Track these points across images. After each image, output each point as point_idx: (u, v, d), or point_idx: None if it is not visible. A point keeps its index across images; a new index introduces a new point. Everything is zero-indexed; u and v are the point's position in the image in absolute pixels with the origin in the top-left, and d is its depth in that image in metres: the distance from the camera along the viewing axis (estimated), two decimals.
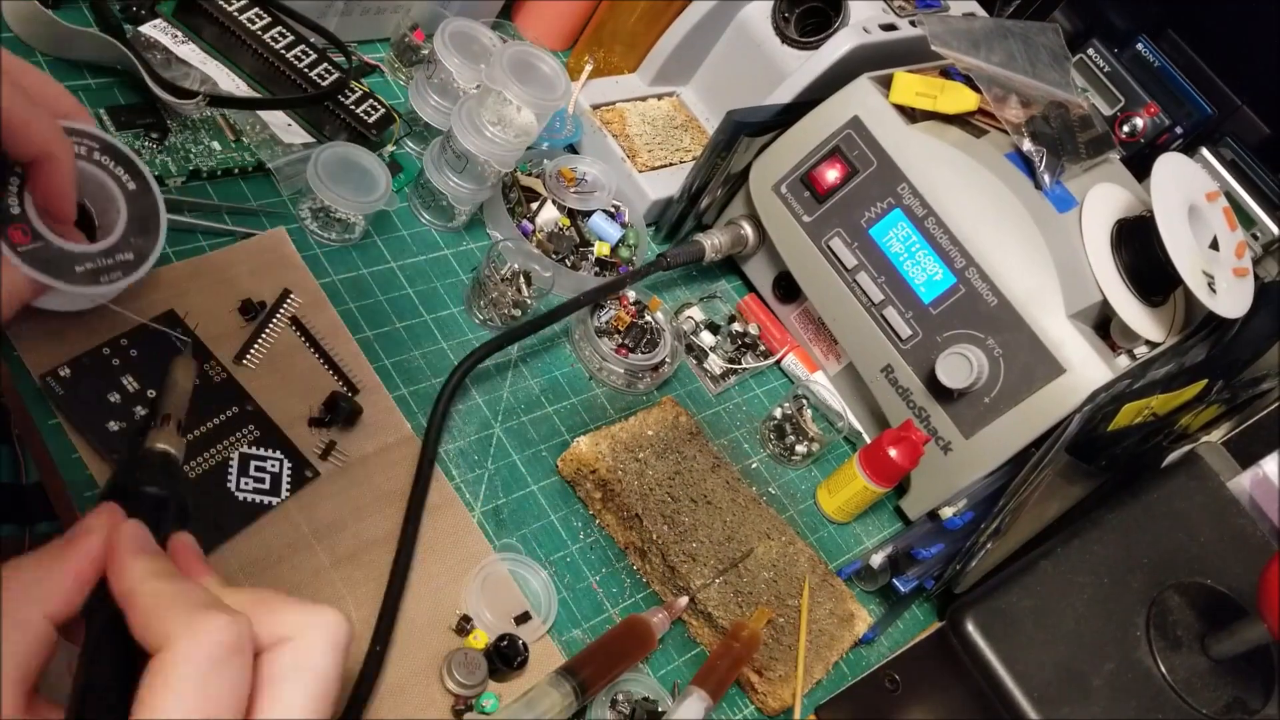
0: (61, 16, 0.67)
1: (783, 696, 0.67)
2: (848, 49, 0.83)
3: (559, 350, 0.78)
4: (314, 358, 0.66)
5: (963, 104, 0.80)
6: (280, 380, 0.64)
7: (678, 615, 0.67)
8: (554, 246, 0.80)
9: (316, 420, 0.63)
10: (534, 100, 0.72)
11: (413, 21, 0.85)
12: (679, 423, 0.75)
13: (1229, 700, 0.63)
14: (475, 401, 0.72)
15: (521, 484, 0.70)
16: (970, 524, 0.77)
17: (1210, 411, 0.89)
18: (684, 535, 0.69)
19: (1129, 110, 1.03)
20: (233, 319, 0.64)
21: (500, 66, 0.71)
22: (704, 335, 0.86)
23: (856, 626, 0.74)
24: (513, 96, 0.71)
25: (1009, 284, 0.75)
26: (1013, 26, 0.88)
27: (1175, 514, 0.71)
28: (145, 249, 0.54)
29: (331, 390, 0.65)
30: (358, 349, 0.68)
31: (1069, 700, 0.60)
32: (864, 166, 0.80)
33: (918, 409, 0.80)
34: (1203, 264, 0.76)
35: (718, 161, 0.84)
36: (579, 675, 0.59)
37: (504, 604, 0.63)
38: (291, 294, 0.67)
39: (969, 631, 0.61)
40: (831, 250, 0.82)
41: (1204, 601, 0.67)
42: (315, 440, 0.63)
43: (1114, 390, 0.73)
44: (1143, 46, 1.05)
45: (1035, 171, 0.79)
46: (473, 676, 0.58)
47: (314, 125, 0.76)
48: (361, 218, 0.73)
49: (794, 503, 0.81)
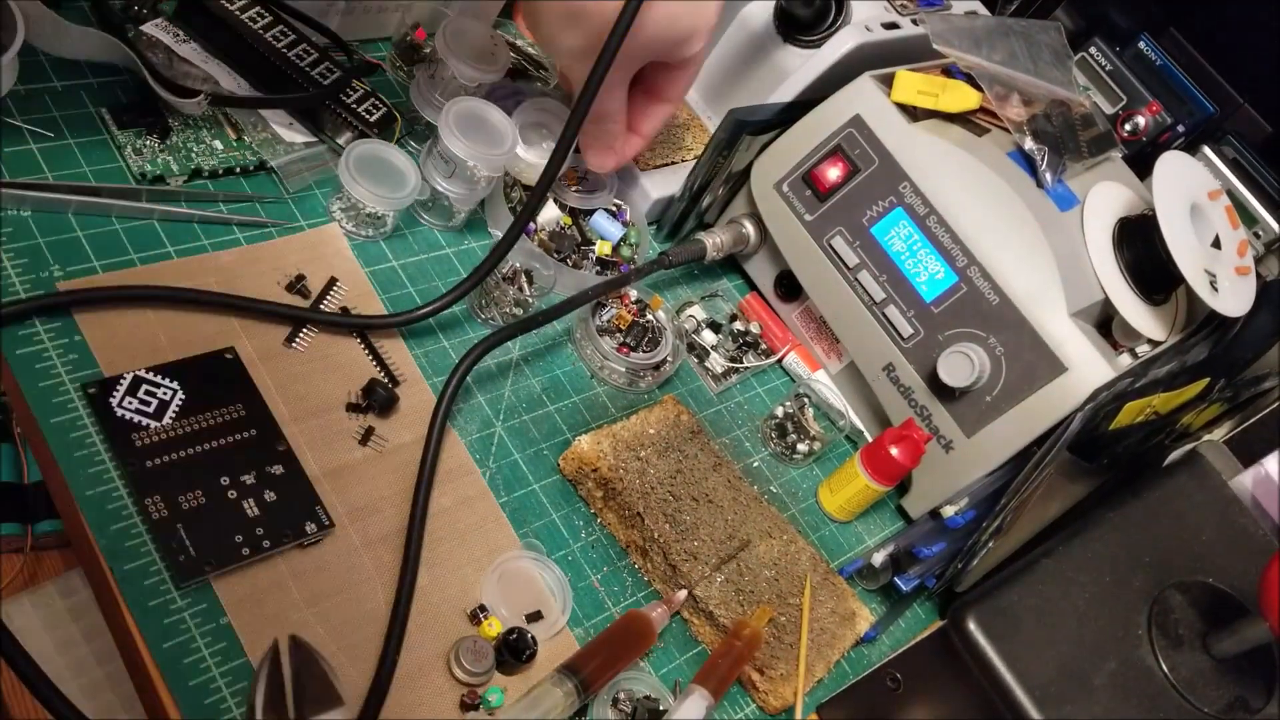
0: (63, 15, 0.67)
1: (784, 695, 0.67)
2: (850, 47, 0.83)
3: (560, 349, 0.78)
4: (359, 347, 0.68)
5: (964, 102, 0.79)
6: (323, 366, 0.67)
7: (677, 609, 0.67)
8: (555, 245, 0.80)
9: (354, 406, 0.66)
10: (483, 157, 0.73)
11: (414, 20, 0.86)
12: (680, 421, 0.75)
13: (1231, 699, 0.63)
14: (477, 400, 0.72)
15: (523, 482, 0.70)
16: (972, 523, 0.77)
17: (1212, 410, 0.89)
18: (685, 534, 0.69)
19: (1131, 108, 1.03)
20: (281, 293, 0.68)
21: (447, 125, 0.72)
22: (705, 334, 0.86)
23: (858, 625, 0.74)
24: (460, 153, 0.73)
25: (1010, 282, 0.75)
26: (1015, 25, 0.88)
27: (1177, 513, 0.71)
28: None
29: (370, 378, 0.67)
30: (401, 343, 0.70)
31: (1070, 699, 0.60)
32: (865, 165, 0.80)
33: (919, 407, 0.80)
34: (1205, 262, 0.76)
35: (719, 160, 0.84)
36: (580, 673, 0.59)
37: (520, 599, 0.64)
38: (338, 282, 0.70)
39: (970, 630, 0.61)
40: (833, 249, 0.82)
41: (1206, 600, 0.67)
42: (354, 425, 0.65)
43: (1116, 389, 0.73)
44: (1145, 45, 1.04)
45: (1037, 170, 0.79)
46: (480, 665, 0.59)
47: (316, 124, 0.76)
48: (392, 213, 0.74)
49: (795, 501, 0.81)
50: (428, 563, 0.62)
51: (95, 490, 0.56)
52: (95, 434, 0.57)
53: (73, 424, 0.57)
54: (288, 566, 0.58)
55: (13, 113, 0.66)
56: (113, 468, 0.56)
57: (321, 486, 0.61)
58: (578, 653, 0.61)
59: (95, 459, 0.56)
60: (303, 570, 0.58)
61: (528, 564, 0.66)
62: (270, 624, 0.56)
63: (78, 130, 0.68)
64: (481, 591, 0.63)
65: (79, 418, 0.57)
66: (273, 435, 0.61)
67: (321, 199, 0.74)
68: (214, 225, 0.69)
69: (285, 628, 0.56)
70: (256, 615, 0.56)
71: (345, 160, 0.70)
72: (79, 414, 0.57)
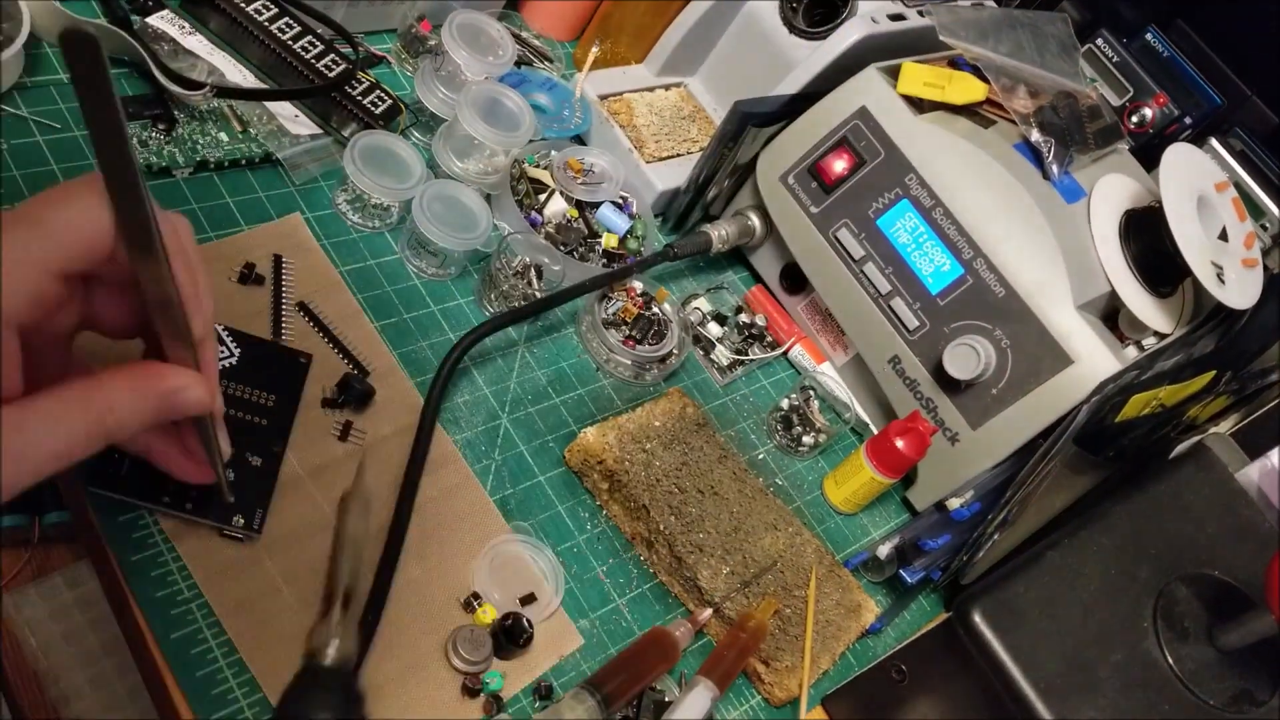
0: (69, 8, 0.67)
1: (789, 687, 0.68)
2: (855, 39, 0.83)
3: (566, 342, 0.78)
4: (324, 343, 0.67)
5: (971, 94, 0.79)
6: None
7: (700, 627, 0.67)
8: (562, 238, 0.80)
9: (329, 401, 0.64)
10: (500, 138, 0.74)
11: (420, 13, 0.85)
12: (686, 414, 0.75)
13: (1236, 691, 0.63)
14: (483, 393, 0.72)
15: (529, 474, 0.70)
16: (977, 515, 0.77)
17: (1218, 403, 0.89)
18: (691, 526, 0.69)
19: (1138, 100, 1.03)
20: (235, 287, 0.66)
21: (465, 107, 0.73)
22: (711, 326, 0.86)
23: (863, 617, 0.74)
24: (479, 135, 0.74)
25: (1017, 275, 0.75)
26: (1021, 16, 0.88)
27: (1183, 505, 0.71)
28: None
29: (344, 373, 0.66)
30: (374, 332, 0.69)
31: (1076, 691, 0.60)
32: (871, 157, 0.80)
33: (925, 400, 0.79)
34: (1211, 255, 0.76)
35: (725, 152, 0.83)
36: (604, 689, 0.58)
37: (512, 583, 0.64)
38: (285, 259, 0.68)
39: (976, 622, 0.61)
40: (839, 241, 0.82)
41: (1211, 593, 0.67)
42: (331, 422, 0.64)
43: (1122, 381, 0.72)
44: (1151, 36, 1.04)
45: (1043, 162, 0.79)
46: (477, 653, 0.59)
47: (321, 116, 0.76)
48: (398, 203, 0.74)
49: (801, 493, 0.81)
50: (418, 555, 0.62)
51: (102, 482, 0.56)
52: None
53: None
54: (275, 565, 0.58)
55: (19, 105, 0.66)
56: (118, 456, 0.56)
57: (306, 487, 0.61)
58: (601, 669, 0.61)
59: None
60: (296, 571, 0.58)
61: (518, 548, 0.66)
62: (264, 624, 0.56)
63: (84, 123, 0.68)
64: (473, 579, 0.63)
65: None
66: (277, 435, 0.61)
67: (327, 191, 0.74)
68: (219, 216, 0.69)
69: (275, 624, 0.56)
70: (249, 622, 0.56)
71: (350, 152, 0.70)
72: None
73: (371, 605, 0.58)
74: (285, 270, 0.68)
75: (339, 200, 0.74)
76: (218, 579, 0.56)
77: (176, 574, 0.55)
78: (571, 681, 0.62)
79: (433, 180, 0.74)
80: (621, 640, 0.66)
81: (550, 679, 0.62)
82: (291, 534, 0.59)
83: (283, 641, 0.55)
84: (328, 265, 0.71)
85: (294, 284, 0.68)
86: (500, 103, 0.78)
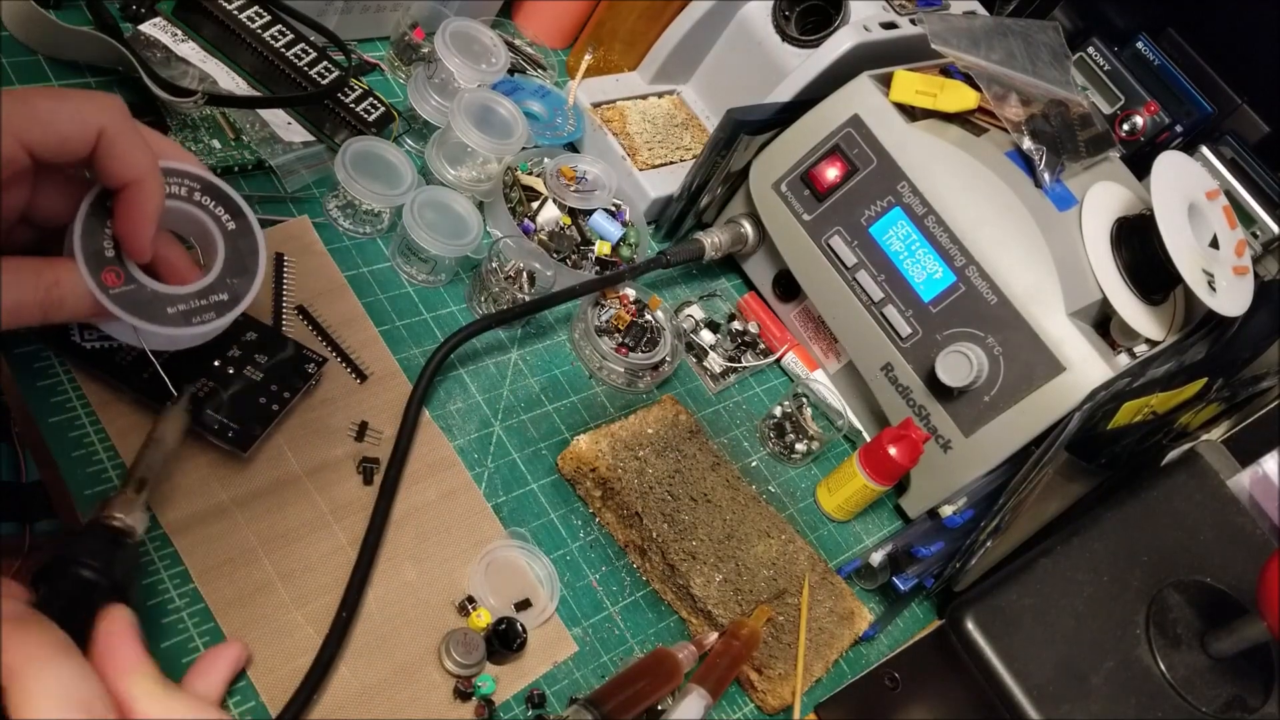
0: (59, 16, 0.67)
1: (782, 694, 0.67)
2: (848, 47, 0.83)
3: (559, 349, 0.78)
4: (322, 344, 0.68)
5: (963, 102, 0.80)
6: None
7: (705, 650, 0.66)
8: (555, 245, 0.80)
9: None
10: (493, 146, 0.75)
11: (412, 20, 0.86)
12: (679, 421, 0.75)
13: (1229, 698, 0.63)
14: (475, 400, 0.72)
15: (521, 482, 0.70)
16: (970, 522, 0.77)
17: (1210, 410, 0.89)
18: (684, 533, 0.69)
19: (1129, 108, 1.03)
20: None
21: (459, 114, 0.74)
22: (704, 334, 0.86)
23: (856, 624, 0.74)
24: (473, 144, 0.75)
25: (1009, 282, 0.75)
26: (1013, 25, 0.88)
27: (1175, 512, 0.71)
28: (241, 290, 0.54)
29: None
30: (376, 336, 0.70)
31: (1068, 698, 0.60)
32: (864, 165, 0.80)
33: (917, 407, 0.80)
34: (1203, 262, 0.76)
35: (718, 160, 0.84)
36: (604, 707, 0.58)
37: (508, 588, 0.64)
38: (289, 259, 0.69)
39: (969, 629, 0.61)
40: (831, 249, 0.82)
41: (1204, 600, 0.67)
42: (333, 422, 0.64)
43: (1114, 388, 0.73)
44: (1143, 45, 1.05)
45: (1035, 170, 0.79)
46: (470, 656, 0.59)
47: (314, 123, 0.76)
48: (389, 209, 0.74)
49: (794, 501, 0.81)
50: (414, 557, 0.62)
51: (94, 490, 0.55)
52: (93, 433, 0.57)
53: (71, 423, 0.57)
54: (273, 565, 0.58)
55: None
56: (110, 466, 0.56)
57: (303, 485, 0.61)
58: (602, 687, 0.60)
59: (94, 458, 0.56)
60: (290, 571, 0.58)
61: (514, 553, 0.66)
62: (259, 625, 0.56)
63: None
64: (469, 583, 0.63)
65: (77, 417, 0.57)
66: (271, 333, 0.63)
67: (320, 197, 0.74)
68: None
69: (275, 631, 0.56)
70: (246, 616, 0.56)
71: (341, 158, 0.70)
72: (77, 413, 0.57)
73: (345, 602, 0.58)
74: (287, 270, 0.68)
75: (330, 206, 0.74)
76: (212, 577, 0.56)
77: (167, 582, 0.55)
78: (564, 689, 0.62)
79: (424, 187, 0.74)
80: (614, 649, 0.66)
81: (542, 686, 0.61)
82: (291, 533, 0.59)
83: (279, 636, 0.56)
84: (333, 268, 0.71)
85: (295, 285, 0.69)
86: (493, 110, 0.79)
